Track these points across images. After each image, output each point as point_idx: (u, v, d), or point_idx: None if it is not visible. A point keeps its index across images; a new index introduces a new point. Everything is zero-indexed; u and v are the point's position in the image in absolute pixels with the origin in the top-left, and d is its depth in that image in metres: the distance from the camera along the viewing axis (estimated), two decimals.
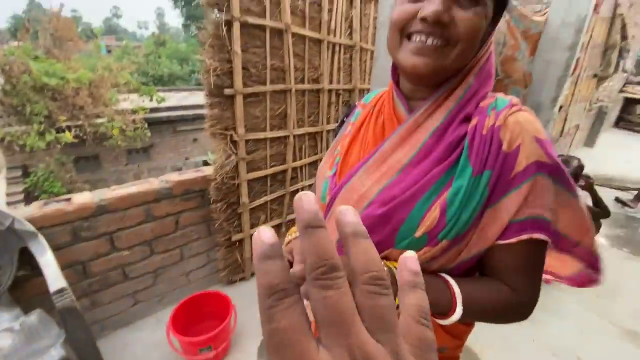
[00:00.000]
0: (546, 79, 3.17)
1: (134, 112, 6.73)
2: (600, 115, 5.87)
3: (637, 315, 2.02)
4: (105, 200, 1.51)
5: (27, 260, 1.28)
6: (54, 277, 1.16)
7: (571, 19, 2.92)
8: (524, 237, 0.48)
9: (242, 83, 1.63)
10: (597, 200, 2.24)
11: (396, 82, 0.57)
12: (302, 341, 0.15)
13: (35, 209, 1.38)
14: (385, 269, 0.48)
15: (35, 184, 5.87)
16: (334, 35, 1.95)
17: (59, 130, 5.60)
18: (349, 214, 0.19)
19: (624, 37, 4.68)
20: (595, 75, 4.59)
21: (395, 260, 0.51)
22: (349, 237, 0.18)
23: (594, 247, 0.54)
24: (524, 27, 2.85)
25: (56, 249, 1.40)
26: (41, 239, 1.27)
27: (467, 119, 0.51)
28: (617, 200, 3.85)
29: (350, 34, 2.06)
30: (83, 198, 1.51)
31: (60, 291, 1.12)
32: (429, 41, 0.46)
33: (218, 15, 1.40)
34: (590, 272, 0.55)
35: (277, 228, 2.19)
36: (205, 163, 8.10)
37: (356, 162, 0.58)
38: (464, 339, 0.64)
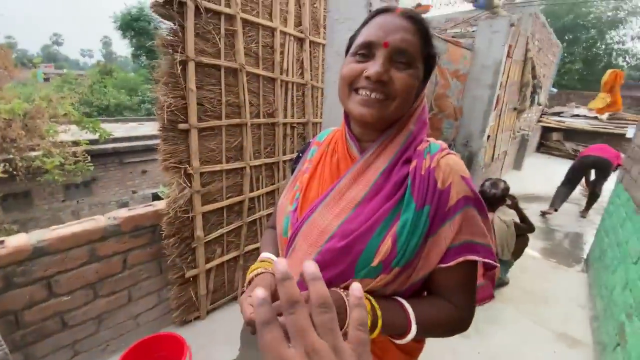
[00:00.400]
0: (474, 113, 3.64)
1: (75, 144, 6.27)
2: (523, 142, 6.73)
3: (567, 319, 2.27)
4: (44, 242, 1.41)
5: None
6: None
7: (489, 63, 3.44)
8: (460, 259, 0.57)
9: (198, 118, 1.67)
10: (522, 217, 2.54)
11: (348, 124, 0.65)
12: (279, 346, 0.26)
13: None
14: (345, 296, 0.54)
15: None
16: (287, 75, 2.10)
17: None
18: (309, 266, 0.30)
19: (535, 77, 5.52)
20: (515, 109, 5.32)
21: None
22: (308, 281, 0.29)
23: (489, 241, 0.62)
24: (454, 68, 3.29)
25: None
26: None
27: (408, 160, 0.60)
28: (541, 213, 4.40)
29: (302, 73, 2.22)
30: (18, 240, 1.38)
31: None
32: (373, 95, 0.55)
33: (173, 56, 1.46)
34: (488, 286, 0.66)
35: (234, 260, 2.16)
36: (156, 197, 7.67)
37: (315, 198, 0.64)
38: (417, 356, 0.71)
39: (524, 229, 2.49)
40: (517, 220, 2.52)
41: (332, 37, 1.71)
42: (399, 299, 0.59)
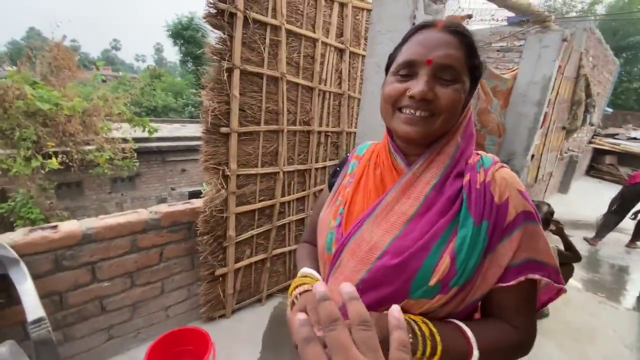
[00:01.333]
0: (518, 130, 3.46)
1: (124, 141, 6.77)
2: (571, 164, 6.27)
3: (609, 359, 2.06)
4: (92, 229, 1.52)
5: (4, 288, 1.26)
6: (32, 306, 1.14)
7: (537, 79, 3.27)
8: (522, 278, 0.54)
9: (238, 122, 1.74)
10: (568, 245, 2.35)
11: (391, 137, 0.64)
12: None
13: (19, 235, 1.38)
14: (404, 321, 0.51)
15: (12, 209, 5.66)
16: (325, 84, 2.13)
17: (46, 156, 5.55)
18: (346, 286, 0.32)
19: (588, 95, 5.15)
20: (563, 128, 4.98)
21: (411, 311, 0.55)
22: (347, 301, 0.31)
23: (554, 261, 0.59)
24: (493, 84, 3.16)
25: (35, 277, 1.37)
26: (23, 266, 1.26)
27: (460, 174, 0.58)
28: (585, 239, 4.07)
29: (340, 83, 2.24)
30: (70, 226, 1.51)
31: (38, 321, 1.10)
32: (417, 113, 0.55)
33: (221, 63, 1.54)
34: (551, 282, 0.58)
35: (261, 263, 2.19)
36: (192, 194, 8.03)
37: (361, 212, 0.62)
38: None
39: (569, 257, 2.31)
40: (561, 247, 2.34)
41: (373, 49, 1.72)
42: (457, 322, 0.56)
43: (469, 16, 2.34)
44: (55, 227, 1.51)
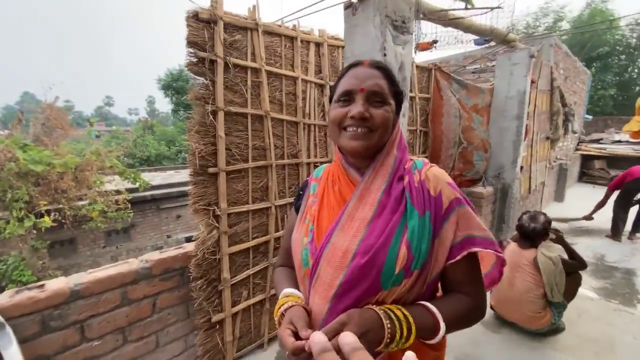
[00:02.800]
0: (503, 145, 3.55)
1: (117, 192, 6.76)
2: (562, 172, 6.35)
3: None
4: (81, 285, 1.47)
5: None
6: None
7: (513, 94, 3.41)
8: (464, 253, 0.66)
9: (226, 162, 1.76)
10: (571, 253, 2.31)
11: (343, 156, 0.75)
12: None
13: (5, 298, 1.32)
14: (381, 312, 0.59)
15: (4, 273, 5.49)
16: (309, 118, 2.19)
17: (38, 214, 5.49)
18: (349, 336, 0.33)
19: (564, 104, 5.36)
20: (547, 138, 5.12)
21: (386, 302, 0.64)
22: (349, 353, 0.31)
23: (490, 235, 0.70)
24: (472, 103, 3.29)
25: (22, 341, 1.30)
26: (9, 330, 1.20)
27: (401, 178, 0.70)
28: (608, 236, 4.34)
29: (324, 116, 2.31)
30: (57, 284, 1.46)
31: None
32: (359, 130, 0.67)
33: (205, 107, 1.59)
34: (497, 264, 0.75)
35: (260, 304, 2.11)
36: (189, 240, 7.90)
37: (329, 225, 0.71)
38: (444, 350, 0.76)
39: (573, 265, 2.26)
40: (565, 256, 2.30)
41: None
42: (424, 303, 0.65)
43: (435, 41, 2.49)
44: (42, 286, 1.45)
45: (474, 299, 0.69)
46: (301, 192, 0.86)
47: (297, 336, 0.60)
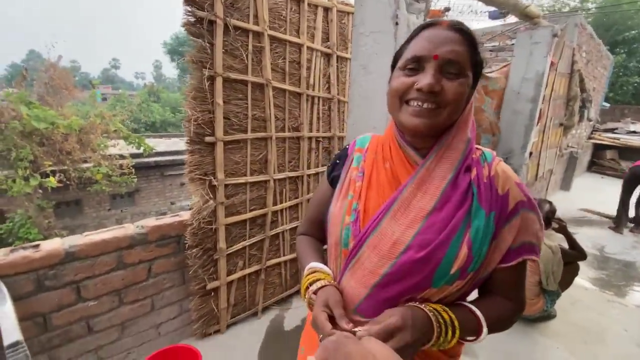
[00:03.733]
0: (515, 128, 3.41)
1: (122, 157, 6.76)
2: (572, 161, 6.19)
3: None
4: (75, 247, 1.48)
5: None
6: (9, 329, 1.09)
7: (530, 75, 3.23)
8: (520, 259, 0.62)
9: (224, 131, 1.71)
10: (572, 243, 2.28)
11: (400, 132, 0.66)
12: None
13: (0, 255, 1.34)
14: (431, 315, 0.56)
15: (10, 230, 5.63)
16: (313, 89, 2.10)
17: (43, 175, 5.54)
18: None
19: (583, 90, 5.12)
20: (561, 124, 4.94)
21: (432, 300, 0.61)
22: None
23: (540, 241, 0.66)
24: (483, 84, 3.14)
25: (17, 299, 1.33)
26: (2, 287, 1.22)
27: (468, 168, 0.62)
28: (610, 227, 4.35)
29: (329, 88, 2.22)
30: (52, 245, 1.46)
31: (14, 345, 1.04)
32: (425, 105, 0.57)
33: (202, 72, 1.51)
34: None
35: (255, 274, 2.13)
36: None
37: (376, 208, 0.64)
38: (459, 358, 0.72)
39: (573, 255, 2.23)
40: (566, 246, 2.27)
41: (357, 51, 1.69)
42: (468, 305, 0.62)
43: (447, 9, 2.32)
44: (37, 246, 1.46)
45: (516, 303, 0.66)
46: (338, 161, 0.77)
47: (331, 319, 0.59)
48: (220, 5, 1.52)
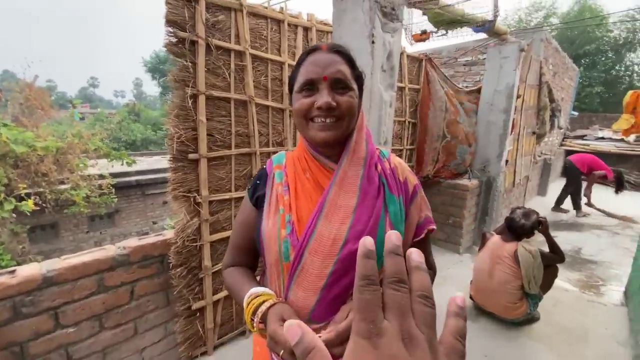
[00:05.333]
0: (490, 138, 3.57)
1: (101, 177, 6.59)
2: (546, 167, 6.48)
3: (607, 359, 2.03)
4: (54, 271, 1.42)
5: None
6: None
7: (501, 87, 3.41)
8: (426, 231, 0.77)
9: (208, 148, 1.71)
10: (552, 245, 2.33)
11: (311, 146, 0.74)
12: (375, 310, 0.24)
13: None
14: None
15: None
16: None
17: (18, 198, 5.31)
18: (415, 254, 0.28)
19: (552, 100, 5.41)
20: (534, 133, 5.18)
21: None
22: (412, 269, 0.27)
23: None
24: (458, 100, 3.30)
25: None
26: None
27: (375, 165, 0.74)
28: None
29: None
30: (29, 270, 1.41)
31: None
32: (327, 120, 0.67)
33: (185, 90, 1.53)
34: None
35: None
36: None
37: (309, 215, 0.69)
38: None
39: (552, 259, 2.31)
40: (545, 249, 2.35)
41: None
42: None
43: (424, 31, 2.45)
44: (13, 271, 1.40)
45: (432, 269, 0.81)
46: (258, 182, 0.79)
47: None
48: (202, 26, 1.56)
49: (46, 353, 1.45)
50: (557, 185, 7.55)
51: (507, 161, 3.76)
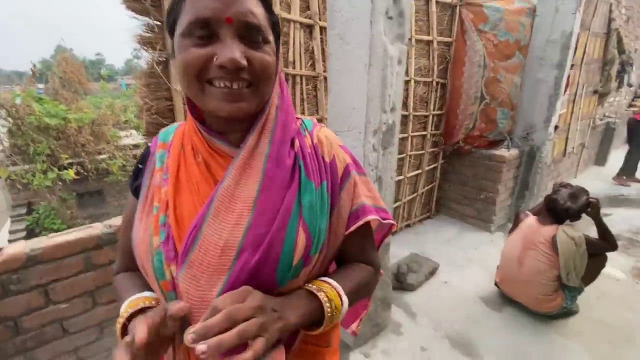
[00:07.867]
0: (537, 100, 3.02)
1: (136, 147, 6.87)
2: (608, 132, 5.58)
3: None
4: (37, 250, 1.41)
5: None
6: None
7: (556, 37, 2.81)
8: (361, 222, 0.57)
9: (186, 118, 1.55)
10: (603, 231, 1.92)
11: (198, 118, 0.53)
12: None
13: None
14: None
15: (37, 221, 5.94)
16: (293, 67, 1.88)
17: (62, 167, 5.73)
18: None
19: (621, 51, 4.52)
20: (595, 92, 4.40)
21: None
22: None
23: (380, 202, 0.63)
24: (515, 39, 2.77)
25: None
26: None
27: (291, 141, 0.54)
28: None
29: (313, 64, 1.99)
30: (14, 248, 1.41)
31: None
32: (234, 85, 0.45)
33: (152, 54, 1.34)
34: (380, 220, 0.61)
35: None
36: None
37: (194, 214, 0.49)
38: (336, 344, 0.67)
39: (601, 247, 1.93)
40: (594, 234, 1.96)
41: (332, 18, 1.45)
42: (324, 279, 0.54)
43: None
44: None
45: (373, 265, 0.64)
46: (140, 166, 0.59)
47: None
48: None
49: (41, 327, 1.49)
50: (620, 153, 6.56)
51: (557, 127, 3.21)
